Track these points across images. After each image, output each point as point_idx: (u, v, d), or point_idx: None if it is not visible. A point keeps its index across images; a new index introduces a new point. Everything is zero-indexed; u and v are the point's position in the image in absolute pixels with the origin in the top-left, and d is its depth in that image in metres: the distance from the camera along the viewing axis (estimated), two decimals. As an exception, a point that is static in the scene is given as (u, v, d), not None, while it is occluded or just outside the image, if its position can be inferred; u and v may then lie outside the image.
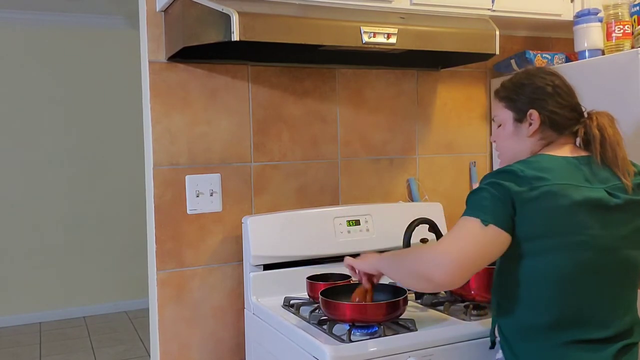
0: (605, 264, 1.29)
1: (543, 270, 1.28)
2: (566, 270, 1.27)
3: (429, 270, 1.27)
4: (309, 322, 1.65)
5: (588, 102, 1.47)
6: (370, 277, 1.55)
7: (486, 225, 1.25)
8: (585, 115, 1.41)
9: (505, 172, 1.29)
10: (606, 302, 1.30)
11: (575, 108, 1.40)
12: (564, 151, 1.37)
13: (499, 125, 1.46)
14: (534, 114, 1.38)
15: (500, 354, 1.41)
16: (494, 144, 1.54)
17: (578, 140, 1.40)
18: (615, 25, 2.05)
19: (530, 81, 1.40)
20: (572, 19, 2.18)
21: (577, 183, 1.28)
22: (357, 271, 1.56)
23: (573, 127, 1.38)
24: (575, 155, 1.36)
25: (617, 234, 1.29)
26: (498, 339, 1.42)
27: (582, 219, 1.26)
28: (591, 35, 2.11)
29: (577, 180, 1.29)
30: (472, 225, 1.27)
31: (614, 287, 1.31)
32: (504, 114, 1.44)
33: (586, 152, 1.38)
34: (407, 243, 1.86)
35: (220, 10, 1.58)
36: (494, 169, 2.43)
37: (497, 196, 1.27)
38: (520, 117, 1.40)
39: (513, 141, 1.42)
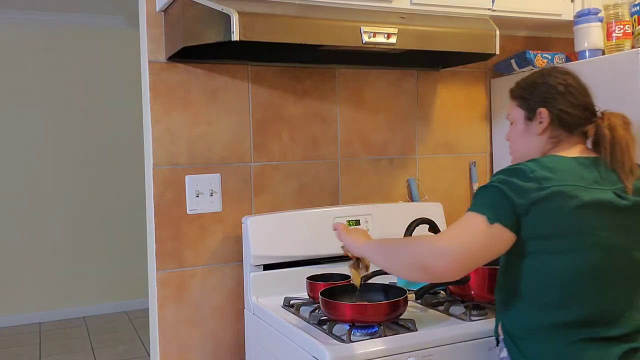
0: (615, 264, 1.29)
1: (554, 270, 1.28)
2: (577, 270, 1.27)
3: (429, 261, 1.28)
4: (309, 322, 1.65)
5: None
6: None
7: (492, 223, 1.26)
8: (599, 115, 1.40)
9: (515, 171, 1.29)
10: (616, 302, 1.30)
11: (587, 107, 1.39)
12: (575, 151, 1.37)
13: (512, 124, 1.48)
14: (543, 112, 1.38)
15: (504, 353, 1.40)
16: (508, 143, 1.54)
17: (589, 140, 1.40)
18: (615, 25, 2.05)
19: (543, 80, 1.41)
20: (572, 18, 2.18)
21: (586, 184, 1.28)
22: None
23: (584, 126, 1.38)
24: (586, 155, 1.36)
25: (626, 235, 1.29)
26: (502, 337, 1.41)
27: (591, 220, 1.26)
28: (591, 35, 2.11)
29: (586, 181, 1.29)
30: (478, 222, 1.27)
31: (624, 288, 1.31)
32: (516, 113, 1.45)
33: (596, 153, 1.37)
34: (407, 243, 1.86)
35: (220, 10, 1.58)
36: (494, 168, 2.47)
37: (505, 195, 1.27)
38: (530, 116, 1.41)
39: (523, 139, 1.43)
